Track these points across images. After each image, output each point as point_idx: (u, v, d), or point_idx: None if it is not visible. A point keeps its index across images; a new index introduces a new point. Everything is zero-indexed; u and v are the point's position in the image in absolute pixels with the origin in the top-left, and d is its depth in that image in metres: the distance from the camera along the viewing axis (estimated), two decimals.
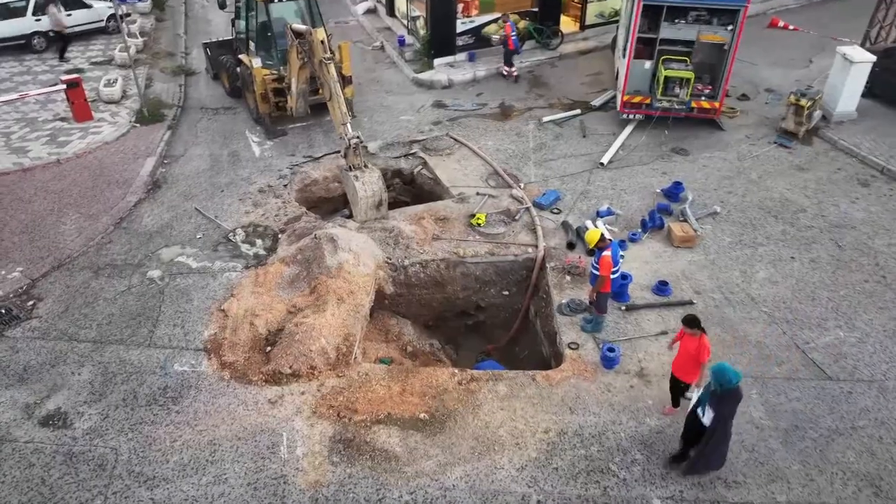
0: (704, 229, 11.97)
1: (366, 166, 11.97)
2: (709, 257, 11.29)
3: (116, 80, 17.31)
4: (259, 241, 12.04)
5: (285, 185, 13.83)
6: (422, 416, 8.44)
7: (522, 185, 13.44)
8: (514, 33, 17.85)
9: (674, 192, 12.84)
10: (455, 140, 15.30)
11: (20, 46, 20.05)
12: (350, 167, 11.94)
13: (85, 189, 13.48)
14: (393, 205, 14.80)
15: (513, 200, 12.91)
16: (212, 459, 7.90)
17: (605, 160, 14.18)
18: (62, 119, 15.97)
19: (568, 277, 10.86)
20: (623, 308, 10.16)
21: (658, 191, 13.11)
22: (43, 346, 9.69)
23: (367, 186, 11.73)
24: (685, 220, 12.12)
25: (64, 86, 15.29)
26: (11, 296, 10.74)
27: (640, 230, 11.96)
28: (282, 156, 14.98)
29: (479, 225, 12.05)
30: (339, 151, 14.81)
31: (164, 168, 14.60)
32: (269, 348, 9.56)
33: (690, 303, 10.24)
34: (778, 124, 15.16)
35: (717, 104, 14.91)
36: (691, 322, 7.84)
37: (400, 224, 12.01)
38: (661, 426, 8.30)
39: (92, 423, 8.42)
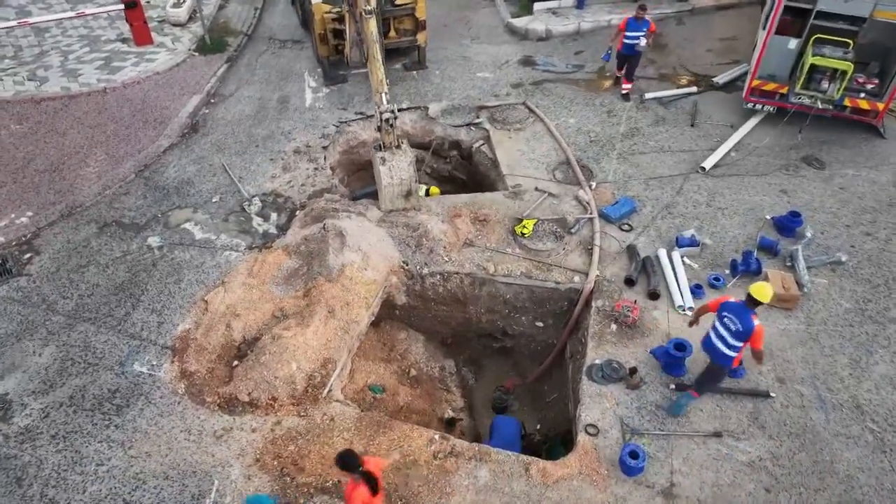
0: (816, 284, 9.09)
1: (398, 146, 10.03)
2: (811, 328, 8.52)
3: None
4: (274, 216, 10.67)
5: (325, 147, 12.24)
6: None
7: (593, 185, 10.95)
8: (641, 32, 12.29)
9: (788, 224, 9.87)
10: (531, 112, 12.86)
11: None
12: (380, 145, 10.07)
13: (120, 126, 12.64)
14: (447, 180, 12.99)
15: (575, 205, 10.53)
16: (129, 500, 6.90)
17: (708, 164, 11.24)
18: (123, 40, 15.13)
19: (613, 327, 8.61)
20: (672, 386, 7.86)
21: (768, 218, 10.16)
22: (19, 312, 9.05)
23: (394, 173, 9.86)
24: (792, 268, 9.27)
25: (122, 6, 14.30)
26: (13, 243, 10.19)
27: (727, 272, 9.30)
28: (333, 108, 13.31)
29: (523, 235, 9.90)
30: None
31: (208, 109, 13.43)
32: (236, 362, 8.32)
33: (766, 395, 7.74)
34: None
35: (880, 105, 11.27)
36: (341, 463, 5.76)
37: (429, 221, 10.11)
38: None
39: (30, 421, 7.67)
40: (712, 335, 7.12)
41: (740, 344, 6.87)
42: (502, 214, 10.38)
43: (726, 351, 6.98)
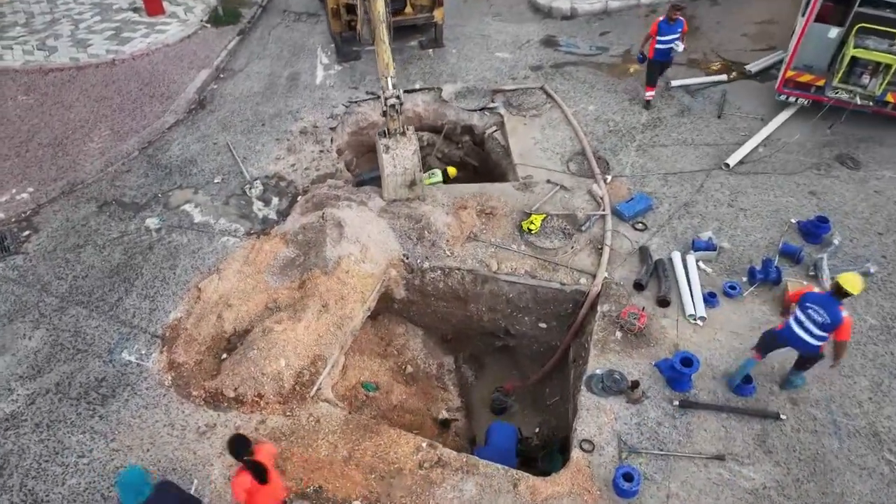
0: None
1: (403, 133, 9.60)
2: (830, 345, 7.96)
3: None
4: (275, 201, 10.37)
5: (332, 128, 11.87)
6: (355, 503, 6.68)
7: (608, 179, 10.41)
8: (675, 35, 10.83)
9: (814, 230, 9.23)
10: (548, 97, 12.27)
11: None
12: (385, 131, 9.64)
13: (126, 100, 12.39)
14: (458, 165, 12.55)
15: (588, 200, 10.03)
16: (107, 495, 6.77)
17: (732, 160, 10.59)
18: (135, 9, 14.81)
19: (618, 334, 8.18)
20: (676, 403, 7.44)
21: (793, 222, 9.54)
22: (13, 292, 8.95)
23: (398, 162, 9.45)
24: (815, 277, 8.69)
25: None
26: (13, 220, 10.09)
27: (744, 280, 8.76)
28: (344, 87, 12.88)
29: (530, 231, 9.45)
30: (410, 91, 12.59)
31: (217, 84, 13.11)
32: (224, 355, 8.11)
33: (776, 417, 7.27)
34: None
35: None
36: (229, 449, 5.60)
37: (433, 213, 9.72)
38: None
39: (15, 408, 7.58)
40: (795, 327, 6.82)
41: (826, 335, 6.72)
42: (510, 208, 9.93)
43: (813, 341, 6.79)
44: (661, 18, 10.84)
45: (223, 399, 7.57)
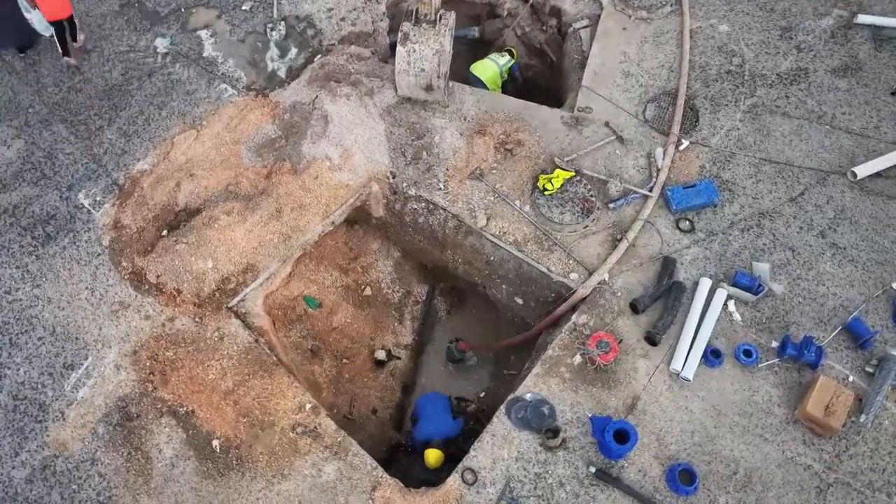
0: (883, 419, 6.44)
1: (434, 24, 7.58)
2: (827, 475, 6.23)
3: None
4: (292, 52, 9.04)
5: None
6: (215, 442, 6.52)
7: (683, 145, 8.03)
8: None
9: None
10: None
11: None
12: (413, 14, 7.68)
13: None
14: (536, 52, 10.38)
15: (642, 167, 7.91)
16: (15, 341, 7.05)
17: (865, 169, 7.70)
18: None
19: (577, 359, 6.81)
20: (593, 469, 6.30)
21: (894, 288, 7.06)
22: (12, 88, 8.75)
23: (413, 59, 7.62)
24: (871, 377, 6.58)
25: None
26: None
27: (773, 345, 6.81)
28: None
29: (544, 190, 7.68)
30: None
31: None
32: (165, 231, 7.68)
33: None
34: None
35: None
36: None
37: (443, 130, 8.08)
38: None
39: None
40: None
41: None
42: (541, 148, 8.04)
43: None
44: None
45: (145, 282, 7.33)
